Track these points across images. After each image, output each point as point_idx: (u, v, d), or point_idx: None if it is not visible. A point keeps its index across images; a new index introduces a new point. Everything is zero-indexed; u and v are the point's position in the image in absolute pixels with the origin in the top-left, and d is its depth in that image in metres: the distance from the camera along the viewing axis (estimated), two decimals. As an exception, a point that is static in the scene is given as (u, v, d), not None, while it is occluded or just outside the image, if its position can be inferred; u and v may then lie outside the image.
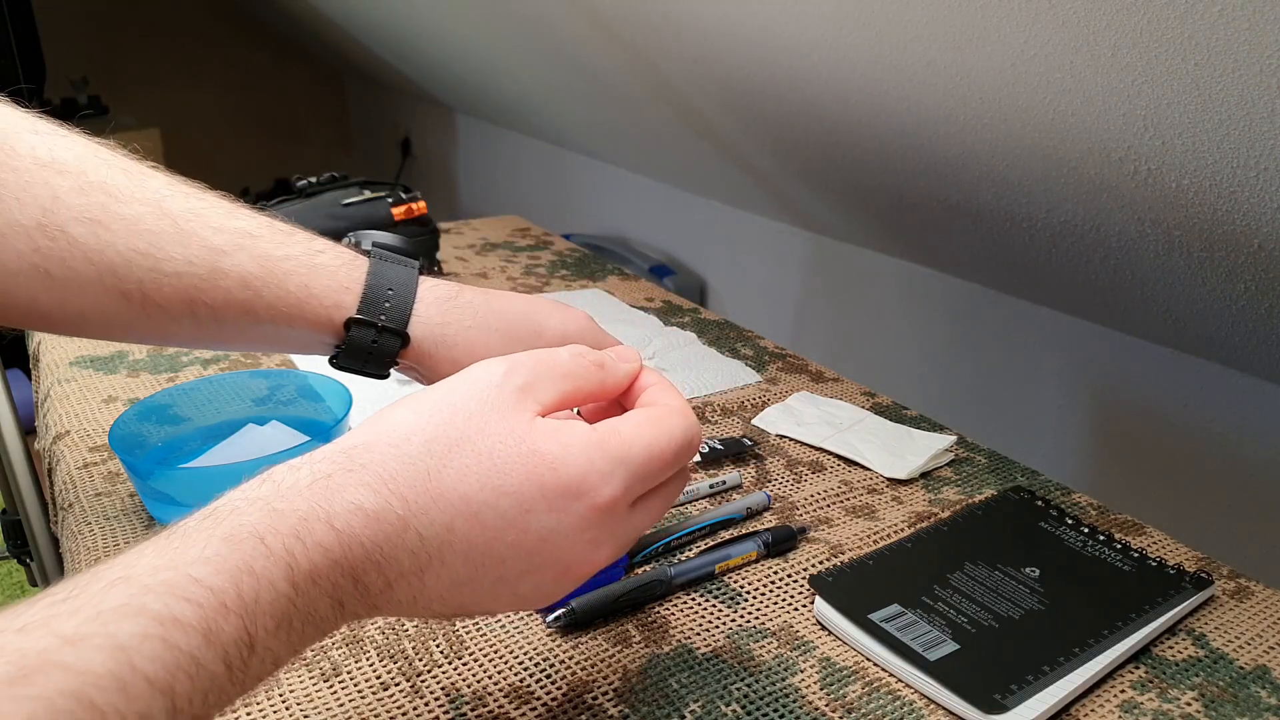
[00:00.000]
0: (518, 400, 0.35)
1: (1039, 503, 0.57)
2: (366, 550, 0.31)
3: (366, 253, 0.47)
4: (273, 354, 0.78)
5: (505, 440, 0.34)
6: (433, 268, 0.91)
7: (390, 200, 0.88)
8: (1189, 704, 0.42)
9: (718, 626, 0.47)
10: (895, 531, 0.55)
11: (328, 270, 0.46)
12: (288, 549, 0.29)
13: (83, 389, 0.72)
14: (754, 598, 0.49)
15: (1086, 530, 0.54)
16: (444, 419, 0.34)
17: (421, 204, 0.89)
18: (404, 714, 0.41)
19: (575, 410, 0.40)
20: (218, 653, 0.27)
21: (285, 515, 0.30)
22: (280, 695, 0.41)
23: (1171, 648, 0.46)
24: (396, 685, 0.42)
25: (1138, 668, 0.44)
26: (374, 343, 0.45)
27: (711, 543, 0.53)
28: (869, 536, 0.55)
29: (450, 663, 0.44)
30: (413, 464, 0.33)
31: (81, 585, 0.27)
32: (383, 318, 0.46)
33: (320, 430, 0.60)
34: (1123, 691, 0.43)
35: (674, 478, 0.38)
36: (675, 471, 0.38)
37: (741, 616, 0.47)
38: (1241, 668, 0.45)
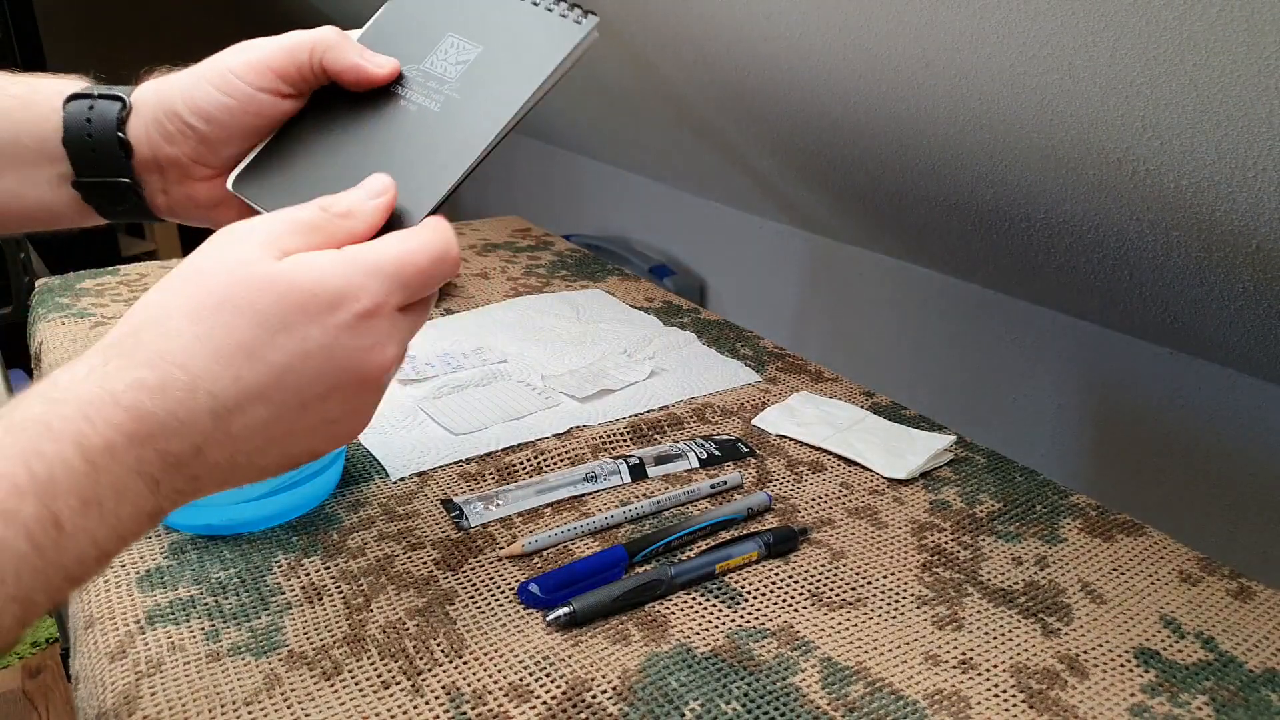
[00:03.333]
0: (263, 253, 0.36)
1: None
2: (161, 421, 0.32)
3: None
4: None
5: (261, 286, 0.35)
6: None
7: (391, 201, 0.88)
8: (1200, 708, 0.42)
9: (717, 626, 0.47)
10: (897, 534, 0.55)
11: (62, 77, 0.45)
12: (76, 430, 0.30)
13: (84, 389, 0.72)
14: (754, 598, 0.49)
15: None
16: (197, 287, 0.35)
17: (422, 204, 0.89)
18: (404, 712, 0.41)
19: None
20: (19, 531, 0.28)
21: (67, 402, 0.31)
22: (281, 694, 0.42)
23: (1181, 651, 0.46)
24: (397, 684, 0.42)
25: (1148, 671, 0.45)
26: (90, 109, 0.43)
27: (712, 543, 0.53)
28: (871, 539, 0.55)
29: (451, 661, 0.44)
30: (181, 336, 0.34)
31: None
32: (102, 93, 0.44)
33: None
34: (1132, 695, 0.43)
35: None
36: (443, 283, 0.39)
37: (741, 616, 0.48)
38: (1250, 671, 0.45)
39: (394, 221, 0.41)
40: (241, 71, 0.43)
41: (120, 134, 0.43)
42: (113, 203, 0.45)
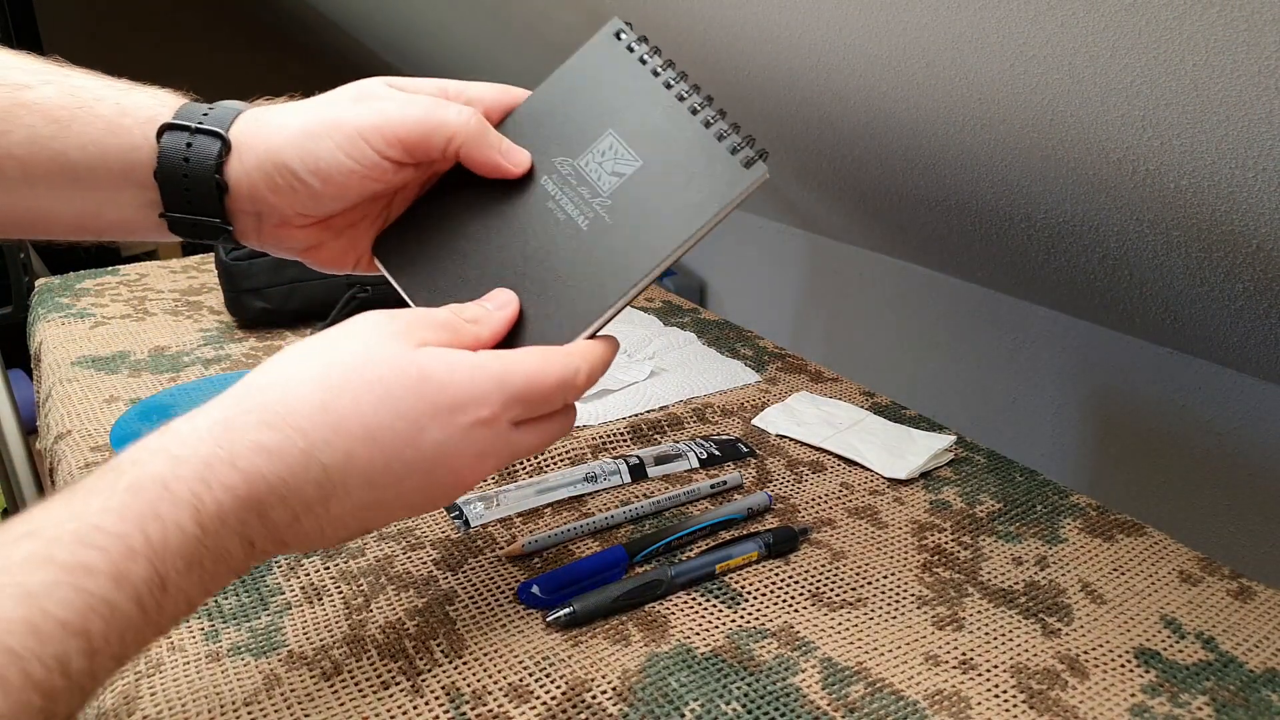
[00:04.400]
0: (403, 335, 0.37)
1: None
2: (271, 485, 0.32)
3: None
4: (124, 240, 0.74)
5: (394, 365, 0.35)
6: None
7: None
8: (1200, 709, 0.42)
9: (718, 626, 0.47)
10: (897, 534, 0.55)
11: (147, 93, 0.42)
12: (193, 492, 0.31)
13: (84, 389, 0.72)
14: (754, 598, 0.49)
15: None
16: (331, 357, 0.35)
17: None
18: (404, 713, 0.41)
19: None
20: (129, 594, 0.29)
21: (188, 461, 0.31)
22: (281, 694, 0.42)
23: (1181, 651, 0.46)
24: (397, 684, 0.42)
25: (1148, 671, 0.45)
26: (188, 146, 0.40)
27: (712, 543, 0.53)
28: (871, 539, 0.55)
29: (450, 662, 0.44)
30: (308, 401, 0.34)
31: None
32: (199, 124, 0.41)
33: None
34: (1133, 695, 0.43)
35: (561, 412, 0.41)
36: (563, 406, 0.40)
37: (742, 617, 0.48)
38: (1251, 671, 0.45)
39: (534, 336, 0.42)
40: (371, 137, 0.41)
41: (218, 175, 0.41)
42: (199, 235, 0.43)
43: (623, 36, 0.46)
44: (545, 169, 0.45)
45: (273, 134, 0.41)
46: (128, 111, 0.41)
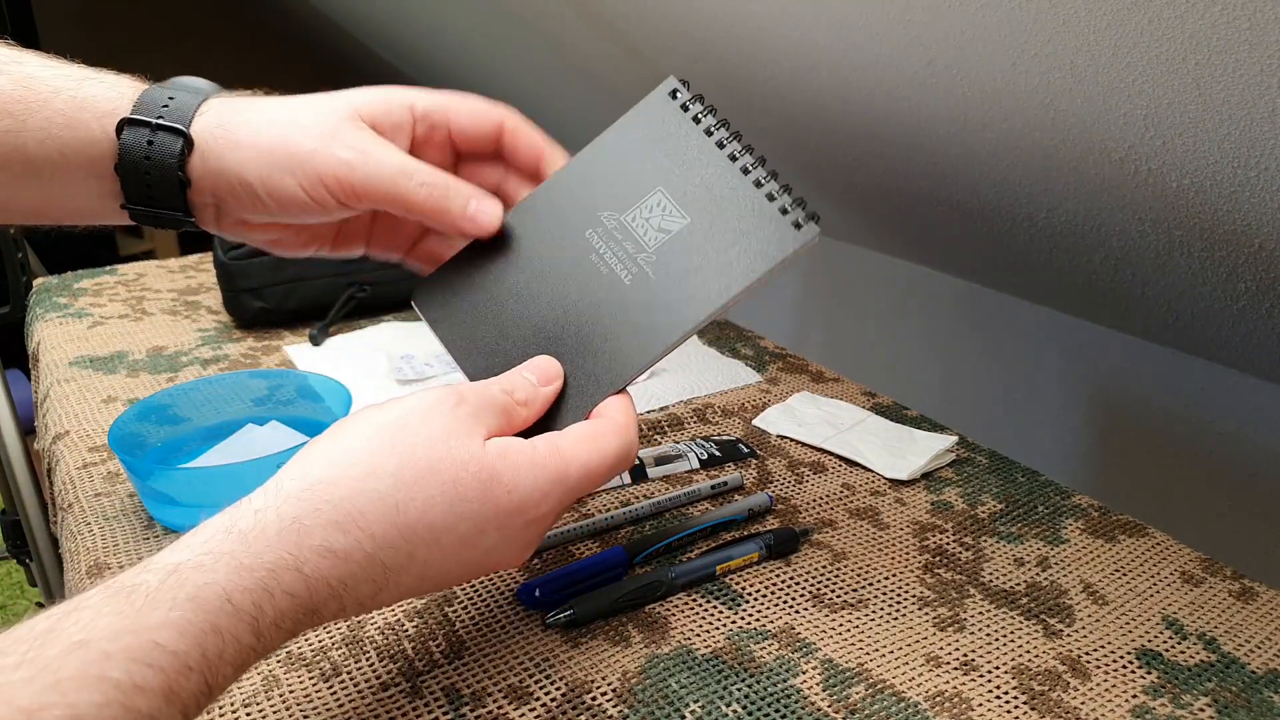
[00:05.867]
0: (472, 426, 0.37)
1: None
2: (332, 588, 0.33)
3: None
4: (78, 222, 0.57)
5: (467, 467, 0.36)
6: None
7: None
8: (1202, 710, 0.42)
9: (718, 627, 0.47)
10: (898, 535, 0.55)
11: (104, 83, 0.41)
12: (255, 604, 0.30)
13: (82, 389, 0.72)
14: (755, 599, 0.49)
15: None
16: (406, 449, 0.35)
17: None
18: (403, 714, 0.41)
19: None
20: (178, 708, 0.28)
21: (253, 570, 0.31)
22: (280, 695, 0.41)
23: (1183, 652, 0.46)
24: (396, 685, 0.42)
25: (1150, 672, 0.44)
26: (149, 144, 0.40)
27: (712, 544, 0.53)
28: (872, 540, 0.55)
29: (450, 663, 0.44)
30: (382, 500, 0.34)
31: (37, 647, 0.26)
32: (160, 118, 0.40)
33: (320, 430, 0.60)
34: (1134, 697, 0.43)
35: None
36: None
37: (742, 618, 0.47)
38: (1254, 672, 0.44)
39: (574, 389, 0.42)
40: (332, 186, 0.41)
41: (180, 173, 0.41)
42: (162, 225, 0.43)
43: (678, 95, 0.46)
44: (591, 223, 0.45)
45: (238, 150, 0.41)
46: (85, 105, 0.40)
